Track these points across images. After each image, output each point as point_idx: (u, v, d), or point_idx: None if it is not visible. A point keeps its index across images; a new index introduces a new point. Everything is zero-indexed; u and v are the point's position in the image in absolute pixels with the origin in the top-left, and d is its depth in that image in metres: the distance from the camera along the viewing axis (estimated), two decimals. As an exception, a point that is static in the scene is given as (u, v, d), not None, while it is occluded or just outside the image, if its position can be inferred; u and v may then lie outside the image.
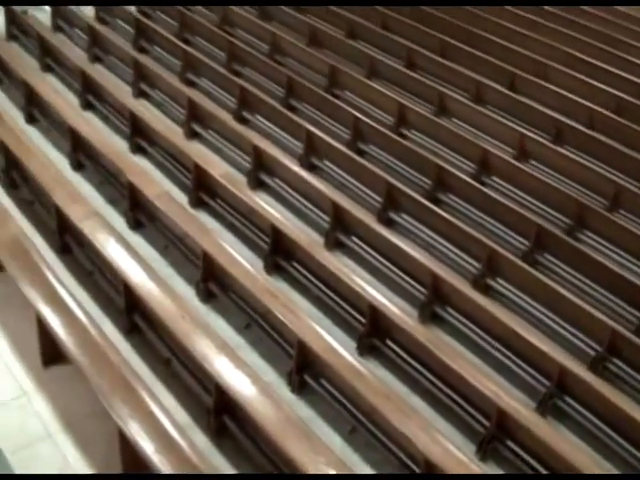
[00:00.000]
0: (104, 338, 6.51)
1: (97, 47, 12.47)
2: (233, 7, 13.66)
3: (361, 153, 10.13)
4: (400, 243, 8.11)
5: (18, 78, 10.84)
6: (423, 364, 6.97)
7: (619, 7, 15.05)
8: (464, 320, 7.54)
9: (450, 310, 7.66)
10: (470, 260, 8.27)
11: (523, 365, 7.10)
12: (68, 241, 8.26)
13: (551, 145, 10.15)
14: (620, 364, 7.12)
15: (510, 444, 6.31)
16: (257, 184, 9.60)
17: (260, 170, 9.59)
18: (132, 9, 13.65)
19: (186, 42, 12.71)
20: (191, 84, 11.73)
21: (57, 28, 13.41)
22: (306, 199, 9.11)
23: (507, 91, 11.44)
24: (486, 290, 8.02)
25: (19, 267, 7.18)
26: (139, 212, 8.77)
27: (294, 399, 6.89)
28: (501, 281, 8.02)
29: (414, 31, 13.08)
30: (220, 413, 6.38)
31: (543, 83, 11.63)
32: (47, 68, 12.12)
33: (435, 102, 11.16)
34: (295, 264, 8.14)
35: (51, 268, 7.26)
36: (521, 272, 7.85)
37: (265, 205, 8.56)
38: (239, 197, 8.65)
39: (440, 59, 12.23)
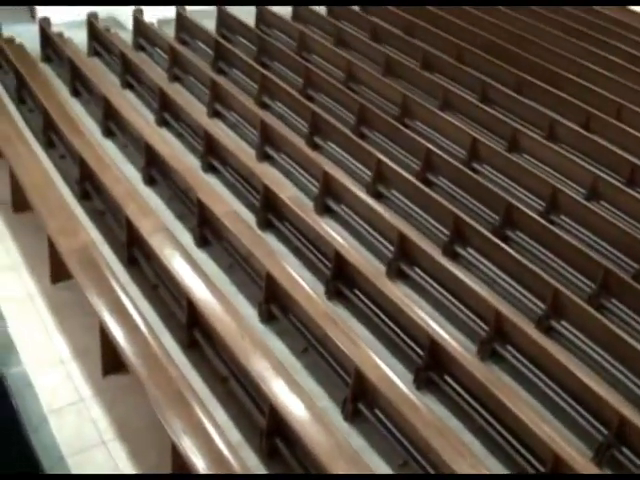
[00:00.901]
0: (164, 351, 6.62)
1: (177, 67, 12.75)
2: (311, 34, 13.86)
3: (429, 184, 10.09)
4: (464, 277, 8.04)
5: (98, 93, 11.14)
6: (479, 401, 6.88)
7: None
8: (524, 360, 7.42)
9: (510, 349, 7.55)
10: (534, 299, 8.15)
11: (582, 411, 6.94)
12: (135, 253, 8.43)
13: (624, 187, 9.96)
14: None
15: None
16: (324, 209, 9.66)
17: (327, 196, 9.65)
18: (212, 32, 13.93)
19: (264, 66, 12.90)
20: (265, 107, 11.89)
21: (138, 47, 13.77)
22: (372, 227, 9.12)
23: (582, 130, 11.29)
24: (548, 331, 7.88)
25: (87, 276, 7.36)
26: (206, 229, 8.90)
27: (346, 427, 6.86)
28: (564, 323, 7.87)
29: (490, 65, 13.04)
30: (272, 435, 6.40)
31: (619, 124, 11.44)
32: (127, 85, 12.44)
33: (508, 138, 11.08)
34: (356, 291, 8.13)
35: (117, 279, 7.43)
36: (585, 315, 7.69)
37: (330, 231, 8.60)
38: (305, 221, 8.71)
39: (515, 94, 12.15)
